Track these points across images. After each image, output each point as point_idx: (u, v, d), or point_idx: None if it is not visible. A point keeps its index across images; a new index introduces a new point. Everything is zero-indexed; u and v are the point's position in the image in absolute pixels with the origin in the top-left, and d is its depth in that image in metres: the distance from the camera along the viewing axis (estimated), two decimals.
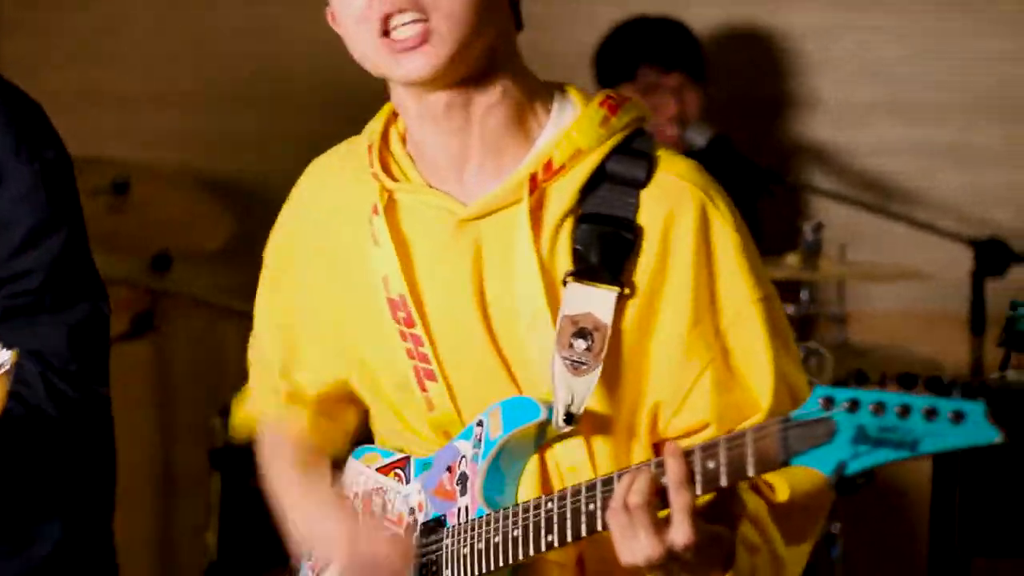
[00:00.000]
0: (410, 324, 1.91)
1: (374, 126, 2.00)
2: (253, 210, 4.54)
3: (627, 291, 1.86)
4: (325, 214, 2.03)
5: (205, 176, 4.57)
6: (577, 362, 1.84)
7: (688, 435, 1.88)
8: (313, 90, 4.56)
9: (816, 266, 3.66)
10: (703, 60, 4.03)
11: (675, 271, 1.87)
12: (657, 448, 1.90)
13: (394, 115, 1.99)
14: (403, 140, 1.97)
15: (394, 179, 1.95)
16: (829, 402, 1.63)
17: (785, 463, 1.66)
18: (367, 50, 1.86)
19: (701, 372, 1.88)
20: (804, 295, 3.82)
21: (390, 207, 1.94)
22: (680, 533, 1.69)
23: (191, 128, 4.62)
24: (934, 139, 4.31)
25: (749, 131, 4.38)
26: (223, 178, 4.60)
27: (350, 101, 4.40)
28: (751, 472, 1.68)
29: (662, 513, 1.73)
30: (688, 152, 3.91)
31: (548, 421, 1.85)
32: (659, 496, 1.72)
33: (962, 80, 4.28)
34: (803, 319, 3.72)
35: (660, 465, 1.73)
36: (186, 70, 4.62)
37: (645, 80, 3.93)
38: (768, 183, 3.92)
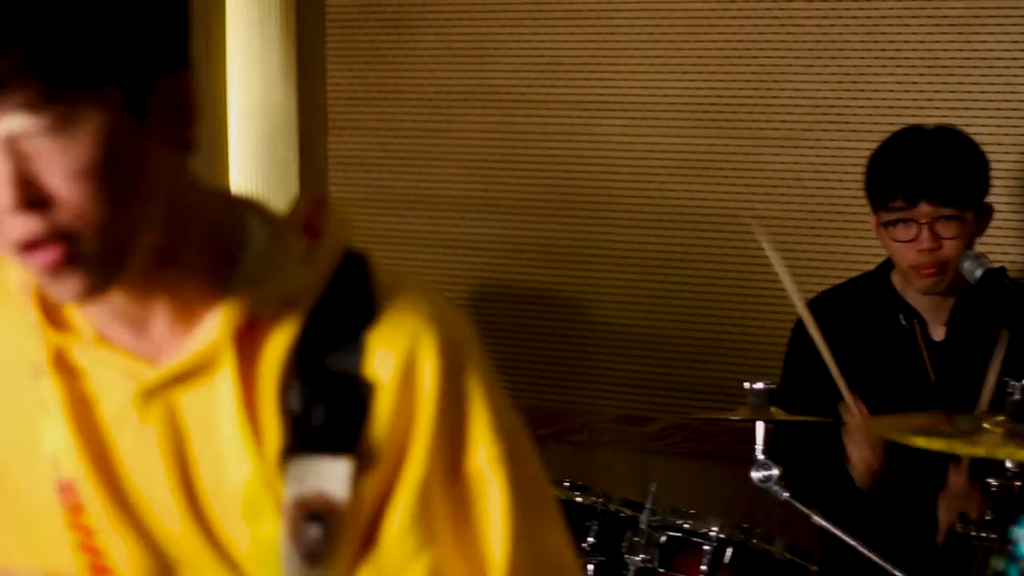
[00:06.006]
0: (79, 511, 1.55)
1: None
2: (566, 318, 4.39)
3: (365, 460, 1.52)
4: None
5: (517, 286, 4.42)
6: (314, 553, 1.50)
7: None
8: (629, 201, 4.33)
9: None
10: (968, 189, 3.48)
11: (417, 428, 1.53)
12: None
13: None
14: None
15: (61, 327, 1.55)
16: None
17: None
18: None
19: (417, 552, 1.55)
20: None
21: (61, 365, 1.54)
22: None
23: (504, 235, 4.49)
24: None
25: None
26: (536, 288, 4.42)
27: (668, 213, 4.35)
28: None
29: None
30: (960, 285, 3.45)
31: None
32: None
33: None
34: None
35: None
36: (505, 174, 4.48)
37: (896, 210, 3.46)
38: None
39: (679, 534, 3.17)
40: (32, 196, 1.38)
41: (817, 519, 3.14)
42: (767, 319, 4.20)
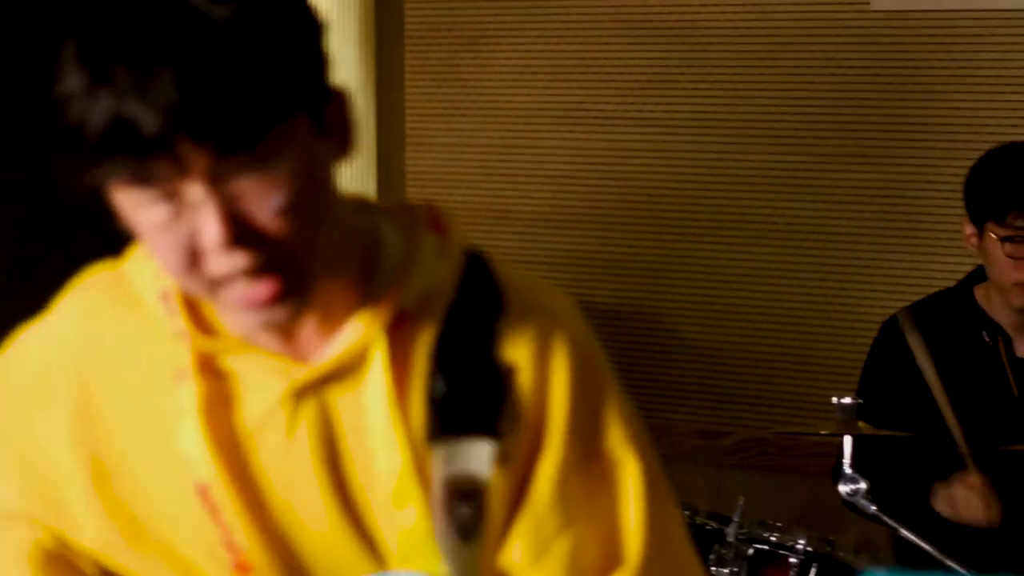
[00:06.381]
0: (217, 512, 1.60)
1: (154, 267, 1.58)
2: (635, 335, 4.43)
3: (506, 440, 1.58)
4: (105, 376, 1.64)
5: (594, 300, 4.46)
6: (467, 529, 1.56)
7: None
8: (706, 217, 4.38)
9: None
10: None
11: (555, 409, 1.60)
12: None
13: None
14: None
15: (209, 333, 1.59)
16: None
17: None
18: None
19: (561, 529, 1.62)
20: None
21: (207, 369, 1.59)
22: None
23: (581, 250, 4.52)
24: None
25: None
26: (613, 303, 4.47)
27: (745, 229, 4.39)
28: None
29: None
30: None
31: None
32: None
33: None
34: None
35: None
36: (584, 190, 4.52)
37: (1013, 227, 3.46)
38: None
39: (766, 547, 3.20)
40: (240, 232, 1.42)
41: (904, 532, 3.16)
42: (842, 334, 4.23)
